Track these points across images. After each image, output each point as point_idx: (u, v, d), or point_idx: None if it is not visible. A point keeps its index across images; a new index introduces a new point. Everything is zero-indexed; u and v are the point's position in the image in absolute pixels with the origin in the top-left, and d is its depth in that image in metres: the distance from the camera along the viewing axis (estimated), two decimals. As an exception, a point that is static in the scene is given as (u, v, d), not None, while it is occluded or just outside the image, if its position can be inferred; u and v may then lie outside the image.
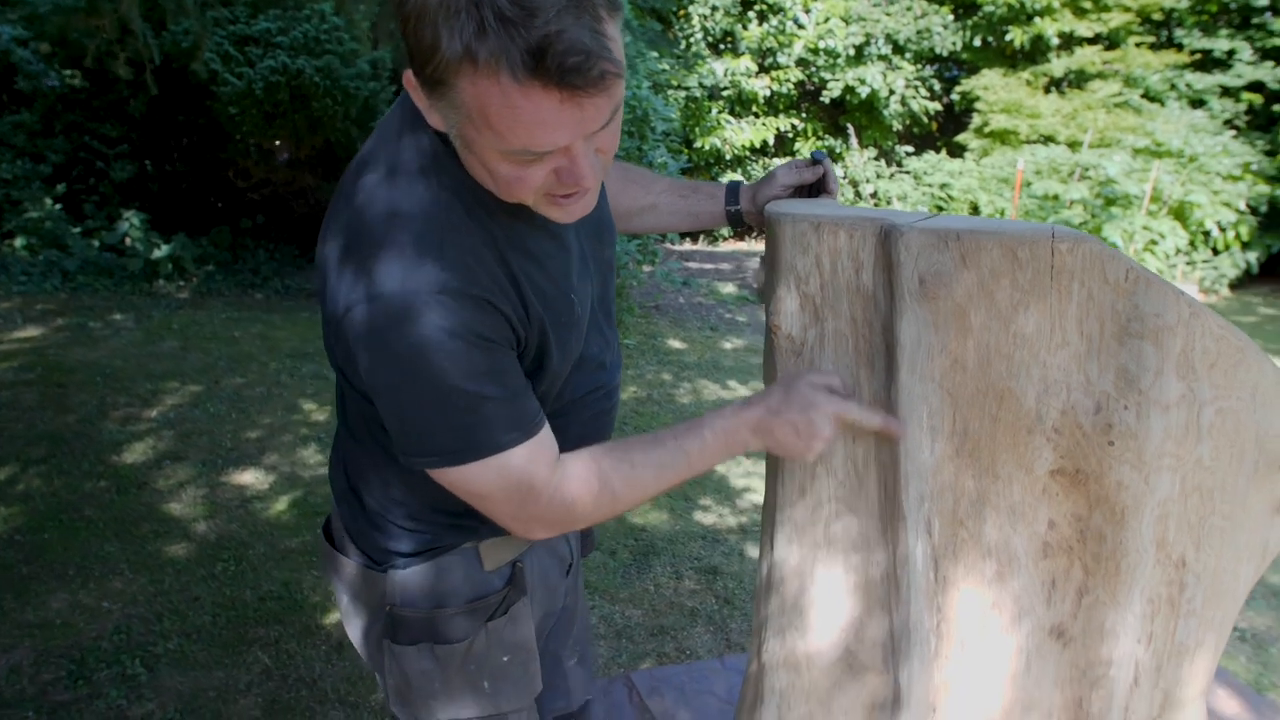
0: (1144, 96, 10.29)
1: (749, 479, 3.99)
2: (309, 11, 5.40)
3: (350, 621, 1.18)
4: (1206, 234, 8.87)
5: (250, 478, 3.69)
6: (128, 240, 6.36)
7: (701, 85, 10.11)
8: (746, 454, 1.11)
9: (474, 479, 0.92)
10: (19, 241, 6.56)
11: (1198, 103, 10.32)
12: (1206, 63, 10.52)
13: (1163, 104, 10.23)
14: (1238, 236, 9.39)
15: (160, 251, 6.34)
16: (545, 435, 0.95)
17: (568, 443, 1.00)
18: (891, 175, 11.14)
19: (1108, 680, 1.01)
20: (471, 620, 1.09)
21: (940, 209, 9.58)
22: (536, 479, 0.94)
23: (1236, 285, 10.09)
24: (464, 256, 0.87)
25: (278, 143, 6.50)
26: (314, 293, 7.00)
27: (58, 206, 6.60)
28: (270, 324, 6.05)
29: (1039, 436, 0.94)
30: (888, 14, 10.64)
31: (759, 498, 3.78)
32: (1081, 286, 0.90)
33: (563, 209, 0.90)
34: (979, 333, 0.94)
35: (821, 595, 1.18)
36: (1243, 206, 8.80)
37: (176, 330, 5.70)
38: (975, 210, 8.69)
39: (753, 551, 3.30)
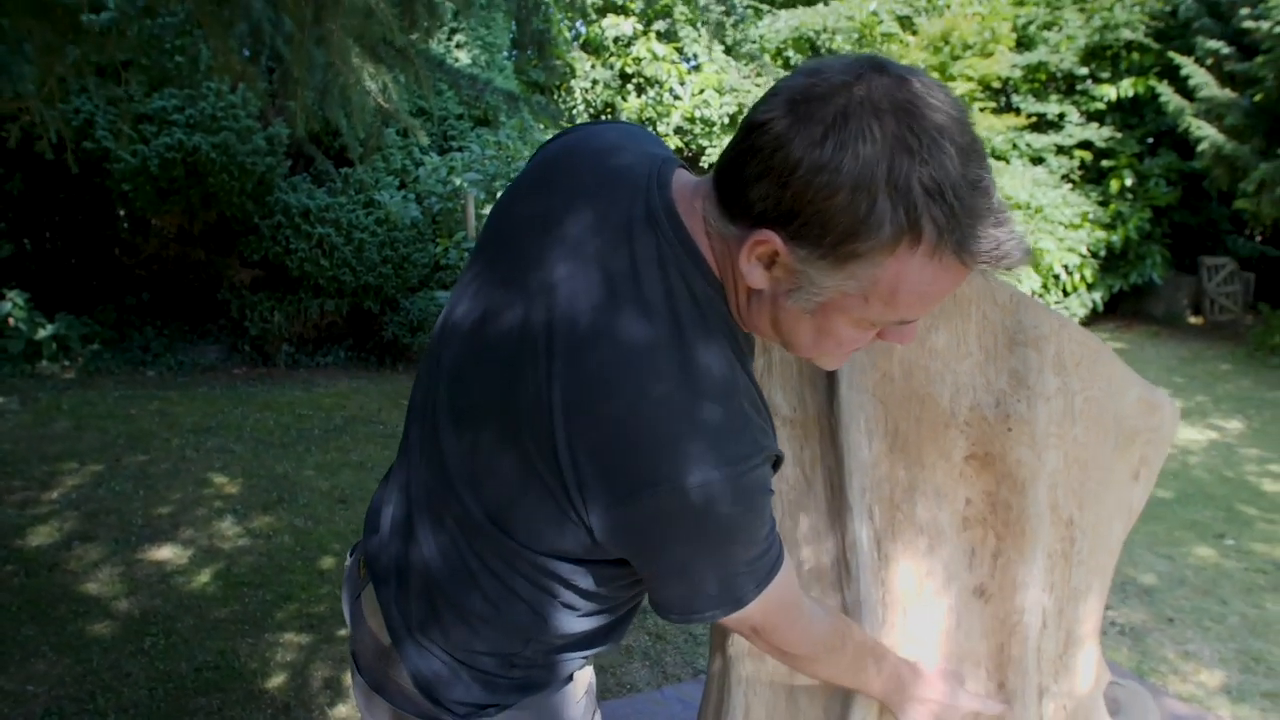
0: (991, 155, 11.31)
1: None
2: (207, 89, 5.42)
3: None
4: (1056, 277, 9.77)
5: (168, 553, 3.63)
6: (11, 320, 6.10)
7: (587, 153, 10.51)
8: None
9: (755, 610, 0.89)
10: (-114, 324, 6.20)
11: (1037, 160, 11.42)
12: (1042, 124, 11.69)
13: (1007, 162, 11.26)
14: (1083, 279, 10.38)
15: (44, 331, 6.11)
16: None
17: None
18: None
19: (1022, 626, 1.24)
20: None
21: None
22: (796, 596, 0.96)
23: (1086, 323, 11.10)
24: (757, 419, 0.84)
25: (173, 221, 6.41)
26: (209, 368, 6.84)
27: (-72, 288, 6.28)
28: (168, 400, 5.89)
29: (954, 430, 1.18)
30: (757, 85, 11.38)
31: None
32: (978, 309, 1.15)
33: (839, 357, 0.89)
34: (902, 350, 1.18)
35: (780, 586, 1.37)
36: (1084, 251, 9.74)
37: (67, 410, 5.49)
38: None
39: (680, 588, 3.47)
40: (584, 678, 1.10)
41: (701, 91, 11.09)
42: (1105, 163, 11.20)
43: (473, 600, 0.94)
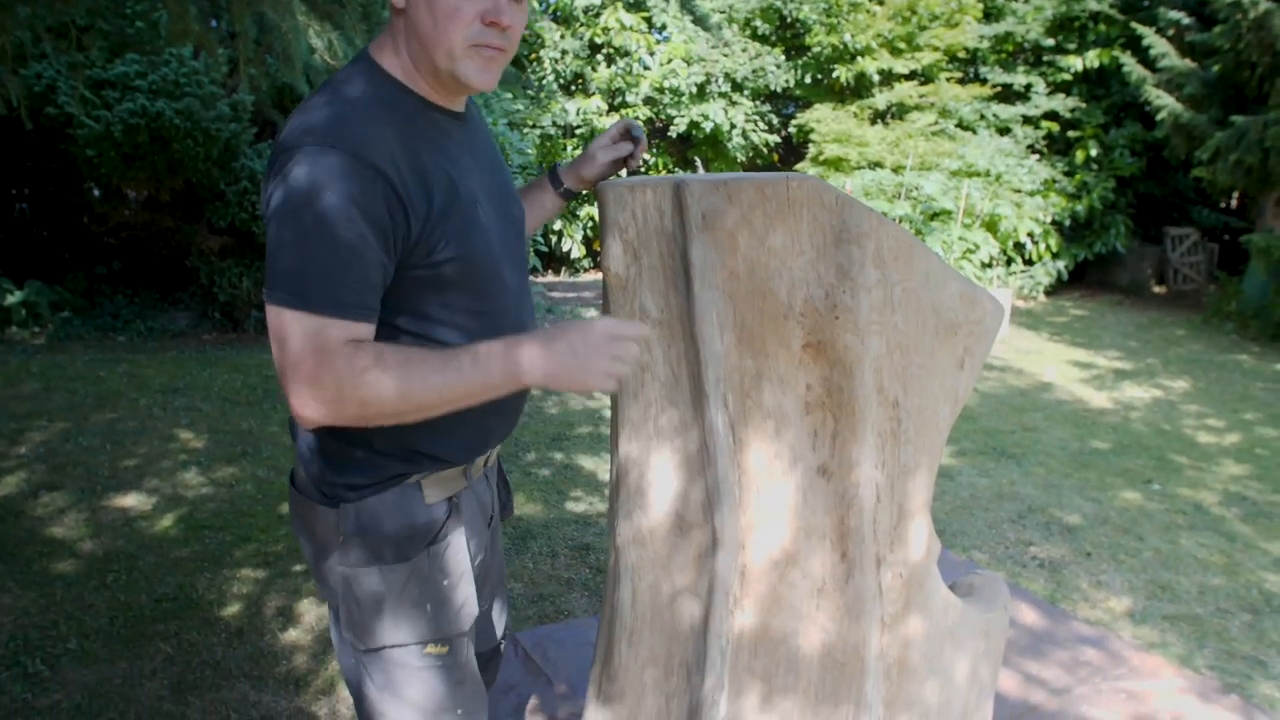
0: (958, 125, 11.46)
1: (620, 471, 4.32)
2: (169, 56, 5.48)
3: (311, 558, 1.29)
4: (1020, 246, 9.95)
5: (132, 500, 3.76)
6: (-23, 287, 6.18)
7: (555, 124, 10.60)
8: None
9: (274, 323, 1.05)
10: None
11: (1004, 130, 11.58)
12: (1009, 95, 11.83)
13: (974, 132, 11.41)
14: (1048, 248, 10.56)
15: (13, 298, 6.18)
16: (344, 325, 1.05)
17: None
18: (741, 203, 11.95)
19: (859, 500, 1.39)
20: (414, 544, 1.23)
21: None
22: (337, 354, 1.04)
23: (1050, 292, 11.31)
24: (365, 127, 1.07)
25: (139, 188, 6.47)
26: (179, 334, 6.94)
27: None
28: (136, 363, 5.99)
29: (792, 321, 1.33)
30: (725, 55, 11.46)
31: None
32: (808, 211, 1.29)
33: (484, 63, 1.14)
34: (745, 250, 1.32)
35: (656, 476, 1.52)
36: (1044, 218, 9.90)
37: (36, 373, 5.59)
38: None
39: (625, 528, 3.63)
40: (433, 493, 1.27)
41: (670, 61, 11.17)
42: (1071, 133, 11.38)
43: None
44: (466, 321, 1.22)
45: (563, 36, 11.11)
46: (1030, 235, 10.02)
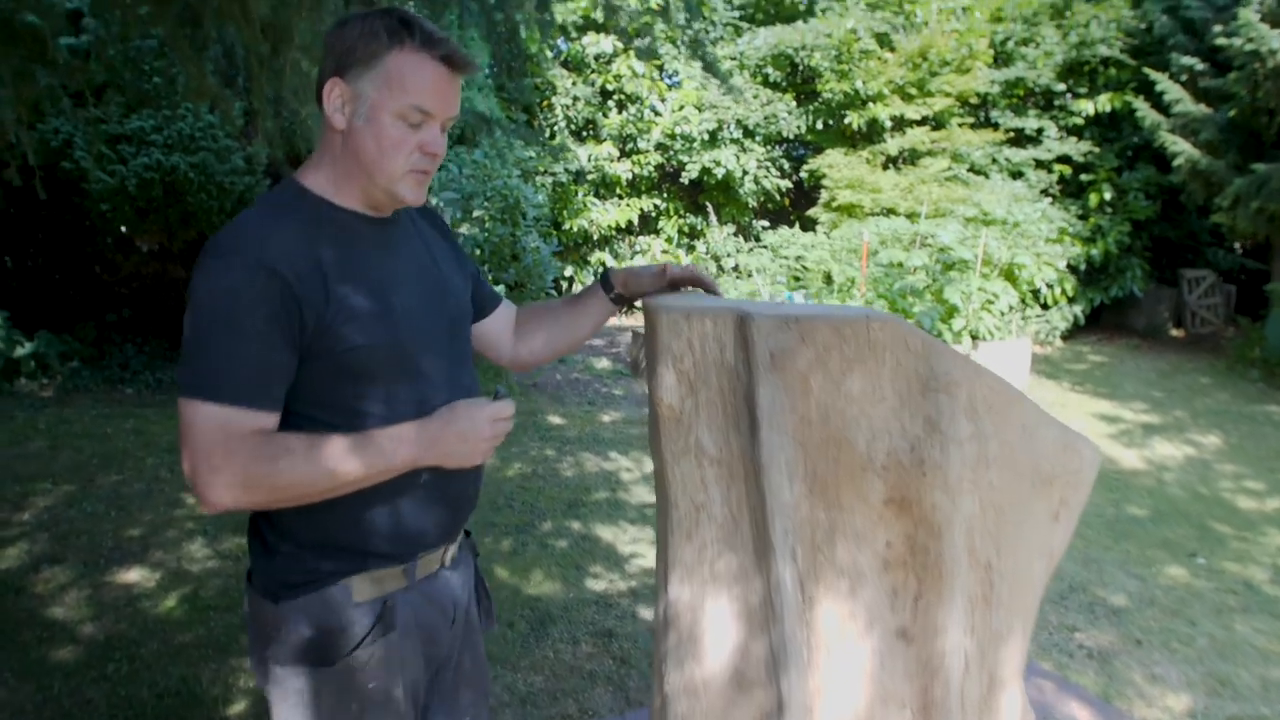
0: (970, 170, 11.40)
1: (635, 545, 4.18)
2: (184, 110, 5.44)
3: (251, 647, 1.32)
4: (1036, 292, 9.83)
5: (136, 575, 3.61)
6: (-15, 340, 6.10)
7: (567, 170, 10.57)
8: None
9: (184, 415, 1.13)
10: None
11: (1016, 174, 11.52)
12: (1020, 139, 11.79)
13: (987, 176, 11.35)
14: (1064, 293, 10.44)
15: (23, 350, 6.09)
16: (247, 414, 1.13)
17: (417, 473, 1.25)
18: (750, 249, 11.86)
19: (945, 669, 1.25)
20: (335, 649, 1.25)
21: (797, 279, 10.22)
22: (244, 443, 1.12)
23: (1067, 336, 11.17)
24: (264, 233, 1.18)
25: (153, 240, 6.42)
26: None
27: (-91, 307, 6.28)
28: (144, 419, 5.88)
29: (871, 474, 1.20)
30: (736, 101, 11.46)
31: (646, 562, 3.96)
32: (891, 355, 1.17)
33: (417, 182, 1.26)
34: (819, 394, 1.19)
35: (712, 625, 1.38)
36: (1062, 265, 9.81)
37: (43, 430, 5.47)
38: (829, 279, 9.37)
39: (645, 613, 3.47)
40: (363, 592, 1.28)
41: (681, 108, 11.15)
42: (1084, 177, 11.30)
43: None
44: (380, 409, 1.24)
45: (574, 83, 11.11)
46: (1046, 283, 9.89)
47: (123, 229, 5.71)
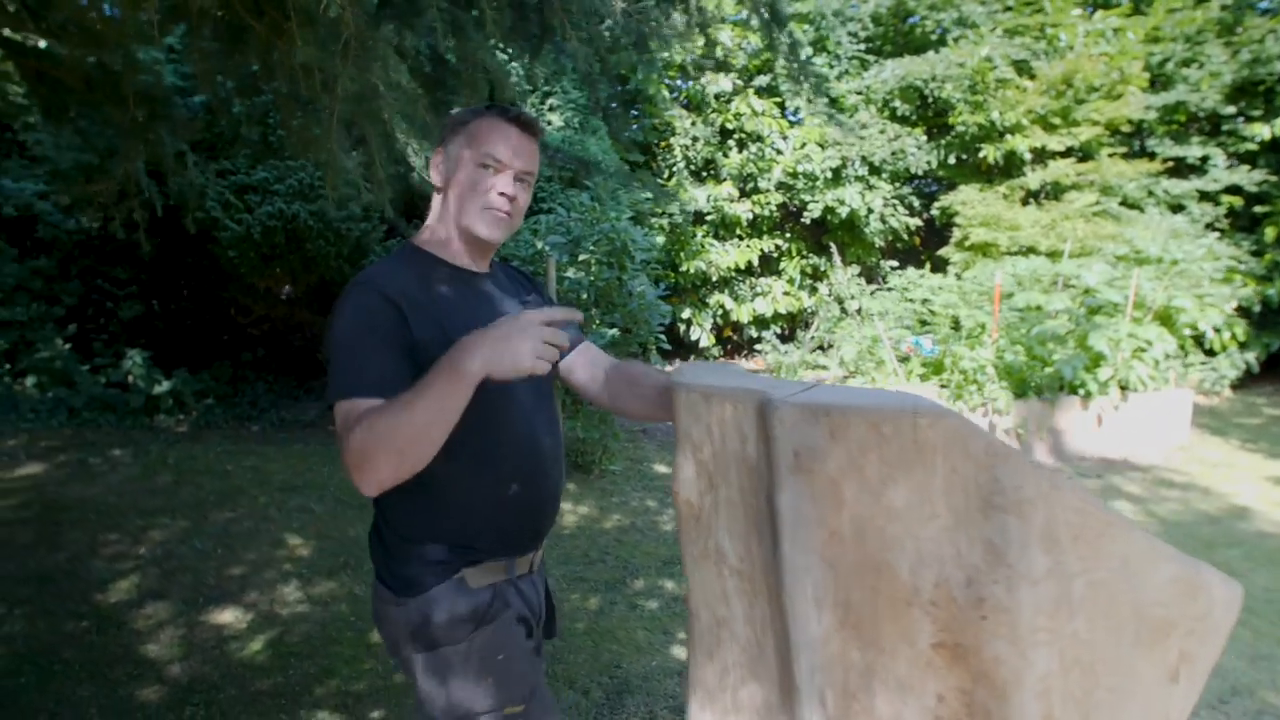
0: (1122, 204, 10.54)
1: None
2: (304, 162, 5.67)
3: (389, 646, 1.56)
4: (1199, 337, 8.89)
5: (229, 616, 3.66)
6: (130, 377, 6.49)
7: (684, 211, 10.43)
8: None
9: (336, 414, 1.36)
10: (30, 380, 6.71)
11: (1177, 208, 10.57)
12: (1181, 169, 10.84)
13: (1142, 210, 10.47)
14: (1233, 337, 9.41)
15: (161, 387, 6.46)
16: (372, 403, 1.32)
17: (482, 484, 1.49)
18: (874, 292, 11.34)
19: None
20: (466, 627, 1.47)
21: (924, 324, 9.66)
22: (359, 421, 1.29)
23: (1238, 386, 10.09)
24: (386, 272, 1.48)
25: (277, 284, 6.72)
26: (309, 424, 7.07)
27: (67, 346, 6.78)
28: (264, 456, 6.09)
29: (917, 609, 0.95)
30: (862, 138, 11.04)
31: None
32: (945, 460, 0.92)
33: (493, 220, 1.53)
34: (852, 505, 0.96)
35: (739, 764, 1.16)
36: (1230, 307, 8.86)
37: (172, 465, 5.74)
38: (956, 325, 8.78)
39: (735, 687, 3.21)
40: (476, 580, 1.51)
41: (803, 145, 10.84)
42: (1259, 208, 10.26)
43: (384, 506, 1.60)
44: (466, 435, 1.36)
45: (693, 123, 11.02)
46: (1212, 326, 8.94)
47: (248, 276, 5.98)
